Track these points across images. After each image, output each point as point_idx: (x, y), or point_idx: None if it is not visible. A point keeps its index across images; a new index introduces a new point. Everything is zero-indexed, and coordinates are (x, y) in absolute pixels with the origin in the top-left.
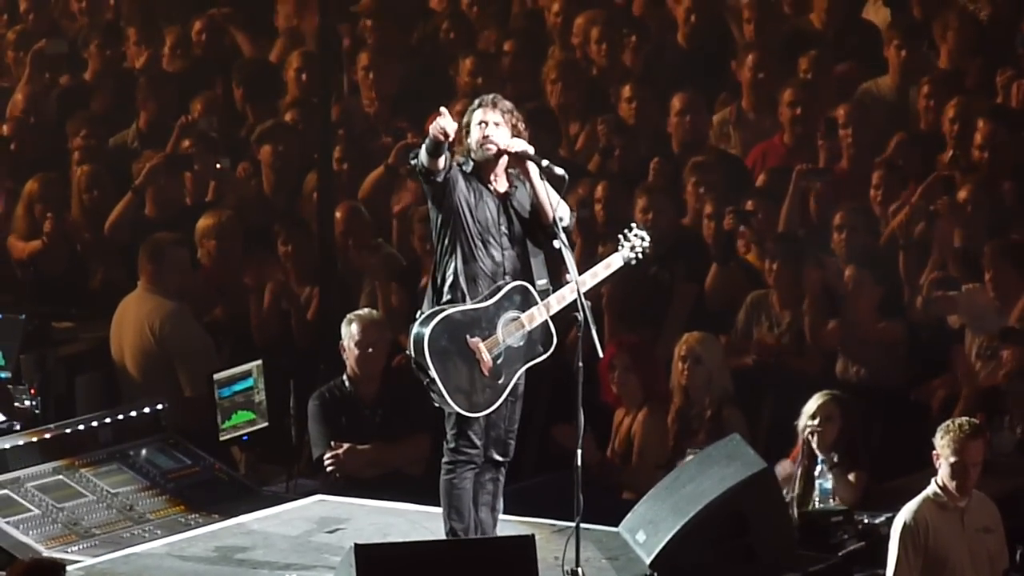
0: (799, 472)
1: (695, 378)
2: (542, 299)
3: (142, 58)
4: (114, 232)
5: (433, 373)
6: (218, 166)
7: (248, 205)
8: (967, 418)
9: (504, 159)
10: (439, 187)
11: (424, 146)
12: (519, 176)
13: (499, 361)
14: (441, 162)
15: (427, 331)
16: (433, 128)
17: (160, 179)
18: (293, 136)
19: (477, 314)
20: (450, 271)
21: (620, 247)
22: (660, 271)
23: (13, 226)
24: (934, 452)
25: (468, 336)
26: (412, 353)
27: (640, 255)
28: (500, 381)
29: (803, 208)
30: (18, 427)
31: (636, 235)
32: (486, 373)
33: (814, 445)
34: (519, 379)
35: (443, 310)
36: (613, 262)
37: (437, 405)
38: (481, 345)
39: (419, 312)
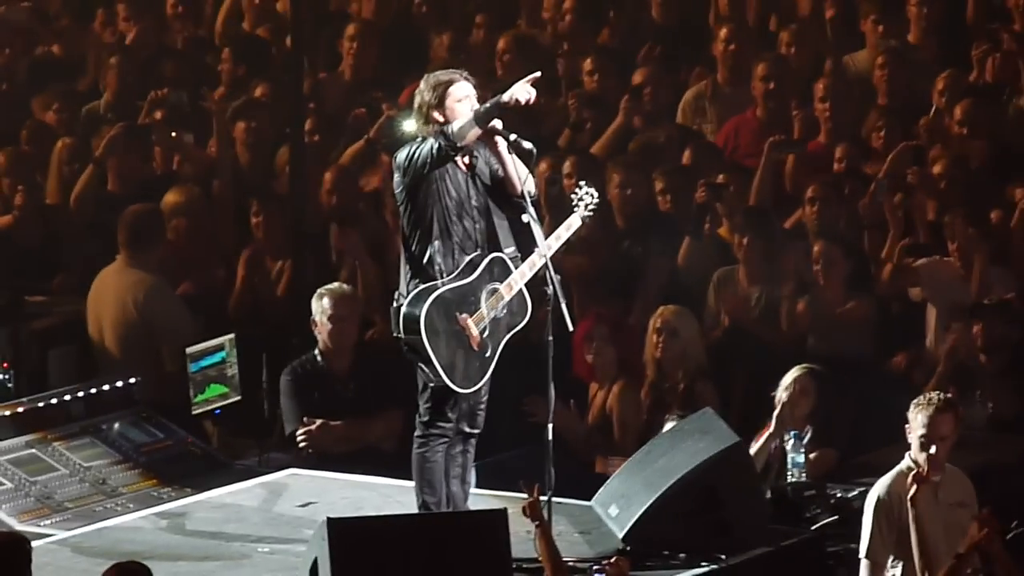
0: (772, 446)
1: (669, 351)
2: (514, 268)
3: (131, 33)
4: (79, 205)
5: (430, 353)
6: (173, 135)
7: (216, 177)
8: (938, 392)
9: None
10: (434, 166)
11: (475, 116)
12: (477, 147)
13: (485, 334)
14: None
15: (422, 311)
16: (519, 93)
17: (120, 151)
18: (266, 112)
19: (463, 290)
20: (428, 247)
21: (575, 207)
22: (632, 245)
23: None
24: (907, 425)
25: (457, 313)
26: (402, 333)
27: (594, 210)
28: (487, 354)
29: (776, 182)
30: None
31: (587, 192)
32: (476, 348)
33: (787, 418)
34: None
35: (433, 288)
36: (572, 223)
37: (432, 384)
38: (469, 321)
39: (397, 292)
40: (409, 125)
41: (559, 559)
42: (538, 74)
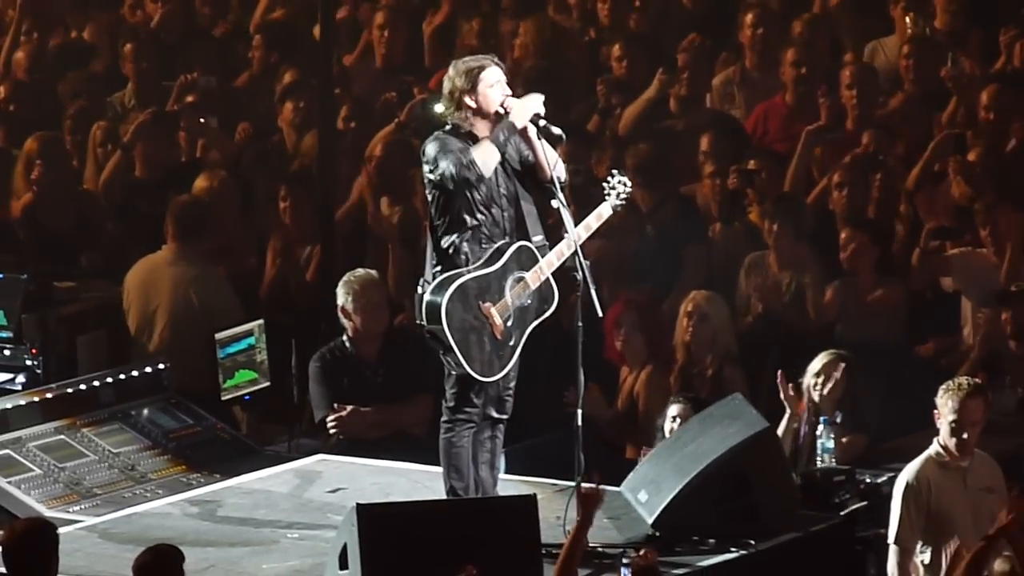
0: (801, 431)
1: (699, 335)
2: (542, 256)
3: (156, 16)
4: (107, 190)
5: (451, 342)
6: (201, 120)
7: (241, 163)
8: (968, 377)
9: (492, 118)
10: (457, 189)
11: (496, 144)
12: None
13: (509, 323)
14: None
15: (444, 300)
16: (531, 110)
17: (148, 137)
18: (312, 92)
19: (487, 279)
20: (454, 235)
21: (606, 196)
22: (662, 231)
23: (12, 187)
24: (935, 411)
25: (480, 302)
26: (425, 321)
27: (626, 199)
28: (511, 343)
29: (807, 168)
30: (20, 387)
31: (619, 181)
32: (499, 337)
33: (818, 403)
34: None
35: (457, 277)
36: (603, 212)
37: (455, 372)
38: (493, 310)
39: (422, 279)
40: (440, 108)
41: (574, 554)
42: (542, 97)
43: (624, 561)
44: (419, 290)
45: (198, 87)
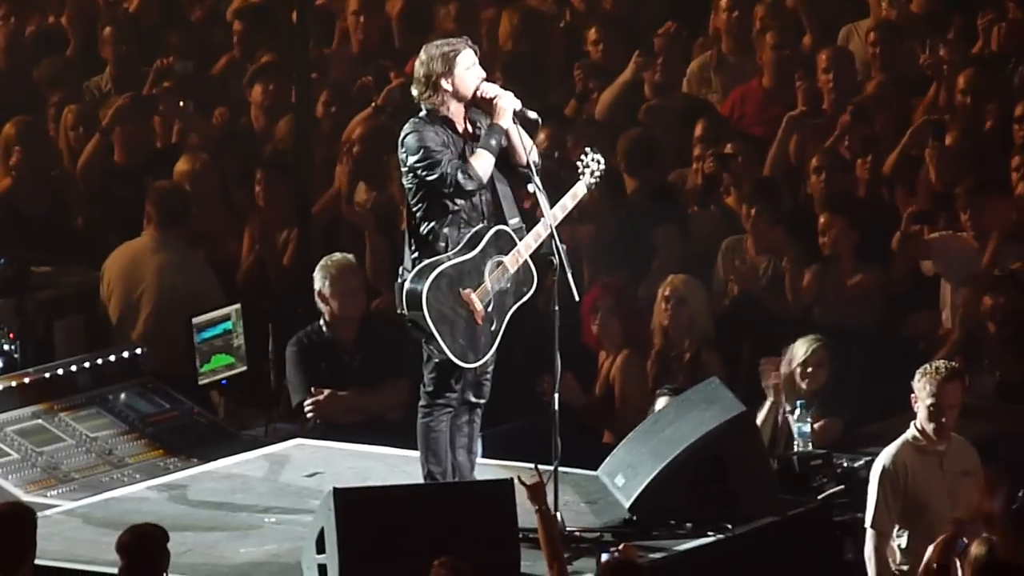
0: (779, 416)
1: (677, 319)
2: (519, 239)
3: (134, 2)
4: (85, 174)
5: (432, 329)
6: (180, 104)
7: (220, 147)
8: (945, 361)
9: (467, 101)
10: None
11: (489, 150)
12: (479, 118)
13: (490, 308)
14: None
15: (424, 287)
16: (510, 105)
17: (127, 121)
18: (283, 75)
19: (466, 265)
20: (434, 221)
21: (580, 175)
22: (640, 215)
23: None
24: (912, 395)
25: (460, 289)
26: (406, 309)
27: (599, 177)
28: (492, 328)
29: (786, 154)
30: None
31: (593, 159)
32: (480, 322)
33: (804, 390)
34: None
35: (437, 264)
36: (578, 191)
37: (437, 360)
38: (473, 296)
39: (401, 267)
40: (414, 92)
41: (557, 544)
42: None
43: (602, 552)
44: (399, 279)
45: (175, 72)
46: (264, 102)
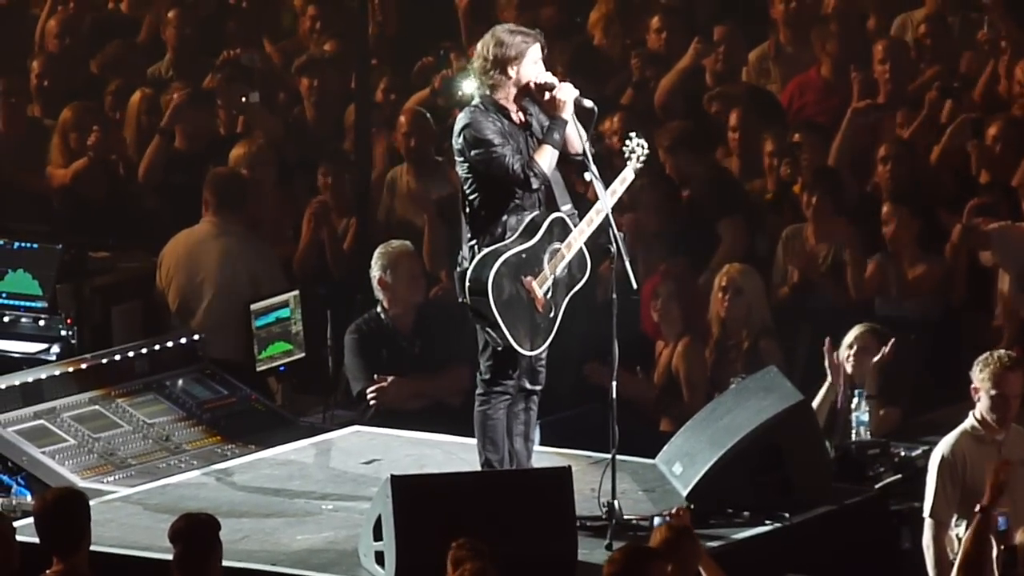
0: (837, 404)
1: (734, 309)
2: (573, 225)
3: None
4: (148, 176)
5: (497, 317)
6: (244, 99)
7: (283, 137)
8: (1005, 351)
9: (524, 91)
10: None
11: (554, 145)
12: (531, 106)
13: (549, 295)
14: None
15: (490, 275)
16: (569, 96)
17: (184, 119)
18: (332, 68)
19: (526, 252)
20: (493, 208)
21: (628, 160)
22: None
23: (50, 157)
24: (972, 386)
25: (522, 276)
26: (469, 297)
27: (645, 161)
28: (551, 315)
29: (851, 145)
30: (55, 357)
31: (638, 144)
32: (540, 310)
33: (851, 375)
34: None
35: (500, 252)
36: (627, 176)
37: (499, 348)
38: (534, 283)
39: (460, 255)
40: (468, 86)
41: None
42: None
43: (656, 516)
44: (458, 267)
45: (242, 63)
46: (312, 97)
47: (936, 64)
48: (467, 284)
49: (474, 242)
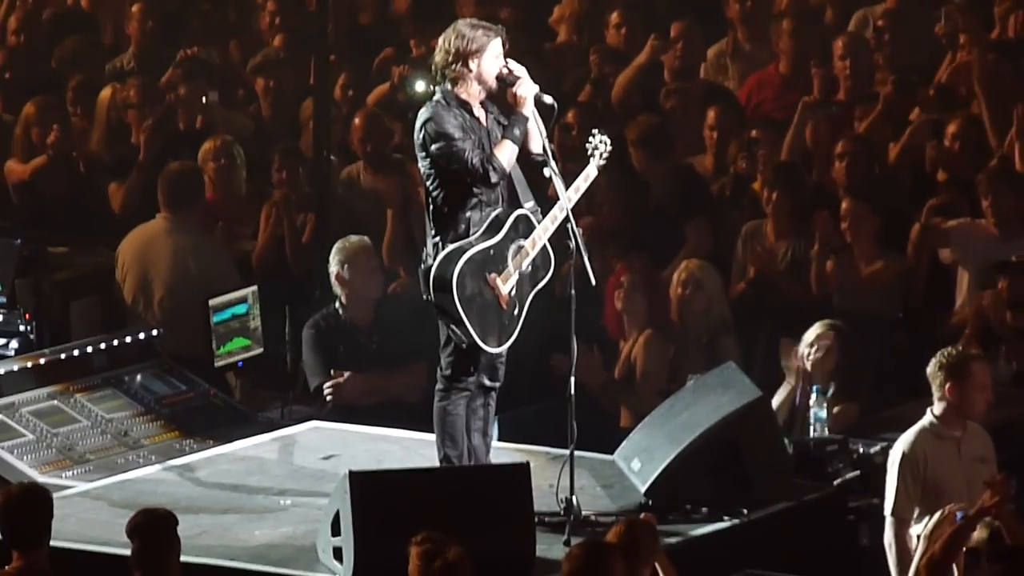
0: (795, 401)
1: (693, 304)
2: (537, 222)
3: None
4: (125, 210)
5: (462, 314)
6: (204, 100)
7: (242, 136)
8: (962, 347)
9: (486, 86)
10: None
11: (515, 141)
12: (490, 104)
13: (513, 292)
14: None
15: (454, 272)
16: (530, 92)
17: (157, 143)
18: (286, 68)
19: (490, 250)
20: (455, 205)
21: (591, 157)
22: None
23: (11, 150)
24: (947, 384)
25: (486, 273)
26: (433, 294)
27: (607, 158)
28: (515, 312)
29: (803, 139)
30: (13, 352)
31: (601, 140)
32: (504, 307)
33: (811, 372)
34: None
35: (464, 249)
36: (590, 173)
37: (464, 344)
38: (498, 280)
39: (424, 251)
40: (420, 87)
41: None
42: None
43: None
44: (422, 264)
45: (198, 60)
46: (268, 96)
47: (894, 59)
48: (431, 281)
49: (438, 239)
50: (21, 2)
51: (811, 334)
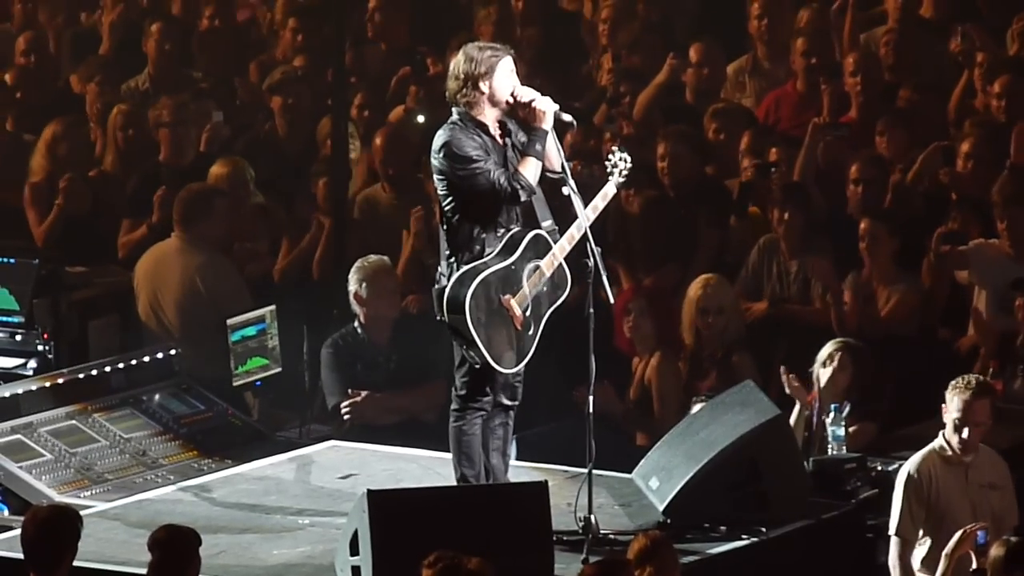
0: (812, 419)
1: (715, 327)
2: (554, 242)
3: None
4: (128, 255)
5: (474, 336)
6: (212, 121)
7: (254, 155)
8: (977, 376)
9: (501, 106)
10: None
11: (536, 156)
12: (508, 121)
13: (527, 313)
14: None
15: (468, 294)
16: (549, 108)
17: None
18: (304, 86)
19: (506, 270)
20: (471, 225)
21: (610, 175)
22: (685, 216)
23: (31, 171)
24: (943, 405)
25: (500, 295)
26: (447, 315)
27: (627, 176)
28: (530, 332)
29: (816, 160)
30: (31, 372)
31: (621, 158)
32: (519, 328)
33: (824, 391)
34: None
35: (479, 271)
36: (608, 191)
37: (477, 365)
38: (512, 302)
39: (439, 271)
40: (421, 119)
41: None
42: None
43: None
44: (436, 285)
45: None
46: (285, 115)
47: (906, 76)
48: (445, 303)
49: (453, 259)
50: (34, 21)
51: (824, 352)
